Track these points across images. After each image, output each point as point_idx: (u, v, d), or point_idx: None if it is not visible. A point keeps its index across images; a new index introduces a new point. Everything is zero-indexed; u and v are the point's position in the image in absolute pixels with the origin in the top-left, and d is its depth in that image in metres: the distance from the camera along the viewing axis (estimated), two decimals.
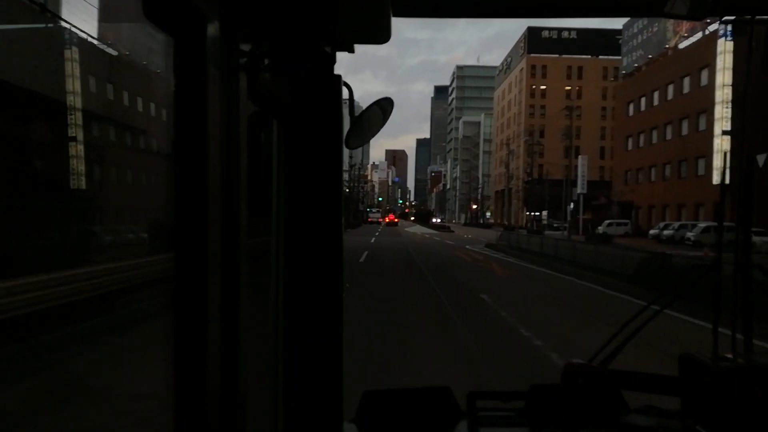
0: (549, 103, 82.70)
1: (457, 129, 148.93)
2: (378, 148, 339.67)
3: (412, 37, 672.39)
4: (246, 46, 1.03)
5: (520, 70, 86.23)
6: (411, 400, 1.55)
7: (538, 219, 62.45)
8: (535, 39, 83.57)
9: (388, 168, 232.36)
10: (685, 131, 46.80)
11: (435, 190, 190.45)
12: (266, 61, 1.09)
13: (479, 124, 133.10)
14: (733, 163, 1.83)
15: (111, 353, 6.11)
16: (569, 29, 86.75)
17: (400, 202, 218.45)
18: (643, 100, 54.47)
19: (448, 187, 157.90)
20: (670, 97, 49.48)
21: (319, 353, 1.16)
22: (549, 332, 8.54)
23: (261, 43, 1.07)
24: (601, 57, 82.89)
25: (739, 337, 1.50)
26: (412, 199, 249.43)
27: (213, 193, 0.91)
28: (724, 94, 39.53)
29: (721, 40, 39.22)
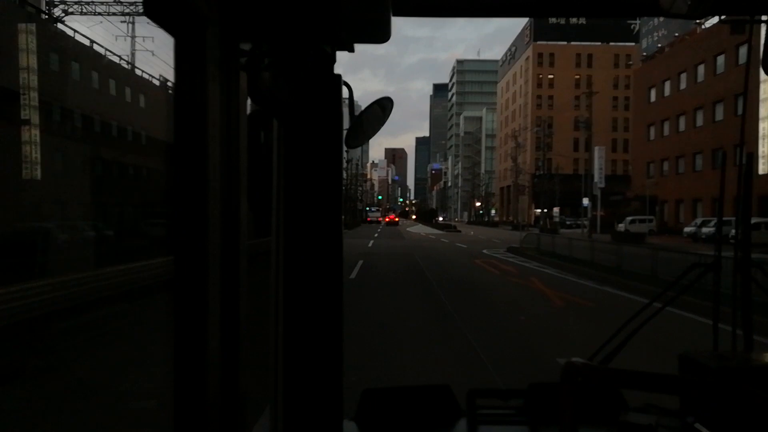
0: (557, 94, 77.24)
1: (458, 125, 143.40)
2: (378, 147, 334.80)
3: (411, 35, 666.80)
4: (246, 46, 1.03)
5: (526, 59, 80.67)
6: (411, 399, 1.56)
7: (549, 216, 56.90)
8: (542, 26, 77.96)
9: (388, 166, 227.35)
10: (719, 116, 41.22)
11: (435, 188, 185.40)
12: (266, 61, 1.09)
13: (481, 119, 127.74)
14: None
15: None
16: None
17: (401, 200, 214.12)
18: (668, 84, 48.93)
19: (450, 184, 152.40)
20: (701, 78, 43.93)
21: (319, 352, 1.17)
22: None
23: (261, 42, 1.06)
24: (612, 44, 77.37)
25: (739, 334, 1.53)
26: (412, 197, 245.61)
27: (213, 192, 0.92)
28: None
29: None
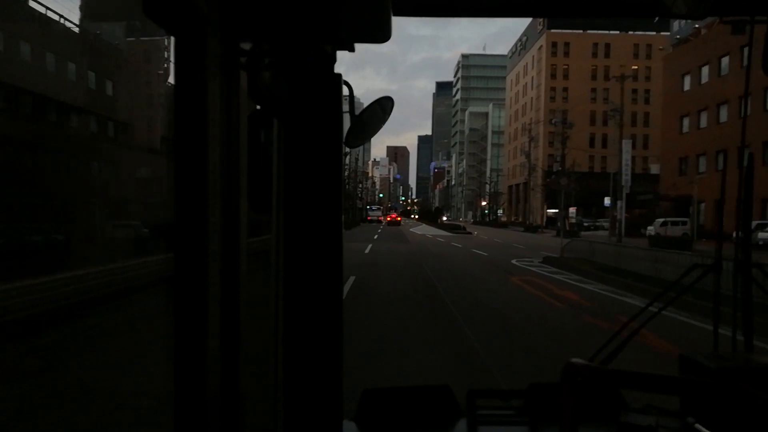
0: (572, 85, 71.37)
1: (462, 121, 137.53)
2: (379, 146, 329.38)
3: (415, 34, 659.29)
4: (246, 45, 1.02)
5: (539, 49, 74.79)
6: (411, 399, 1.54)
7: (559, 217, 51.14)
8: None
9: (390, 165, 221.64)
10: None
11: (438, 186, 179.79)
12: (266, 60, 1.08)
13: (487, 115, 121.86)
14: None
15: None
16: None
17: (403, 199, 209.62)
18: (706, 69, 43.05)
19: (453, 183, 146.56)
20: (747, 62, 37.96)
21: (319, 352, 1.16)
22: None
23: (261, 41, 1.06)
24: (631, 33, 71.44)
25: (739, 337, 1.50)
26: (414, 196, 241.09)
27: (213, 191, 0.92)
28: None
29: None
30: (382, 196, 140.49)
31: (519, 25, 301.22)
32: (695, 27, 47.96)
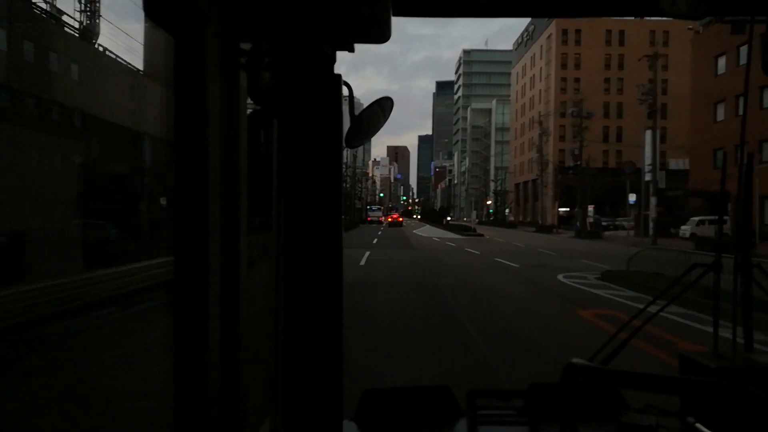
0: (584, 75, 66.22)
1: (465, 118, 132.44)
2: (380, 146, 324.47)
3: (415, 33, 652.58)
4: (246, 45, 1.02)
5: (548, 37, 69.65)
6: (411, 399, 1.53)
7: (577, 216, 45.96)
8: None
9: (390, 164, 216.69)
10: None
11: (440, 186, 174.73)
12: (266, 60, 1.08)
13: (490, 111, 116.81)
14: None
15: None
16: None
17: (404, 199, 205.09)
18: (745, 49, 37.82)
19: (455, 182, 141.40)
20: None
21: (319, 352, 1.16)
22: None
23: (261, 42, 1.06)
24: (647, 19, 66.25)
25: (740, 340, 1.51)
26: (415, 196, 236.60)
27: (213, 191, 0.92)
28: None
29: None
30: (382, 195, 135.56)
31: (521, 23, 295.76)
32: None
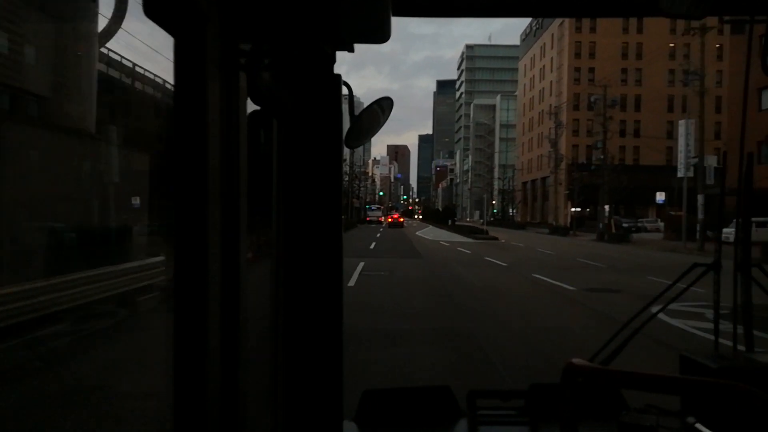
0: (599, 65, 60.84)
1: (467, 116, 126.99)
2: (380, 145, 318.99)
3: (417, 32, 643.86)
4: (246, 45, 1.01)
5: (560, 25, 64.22)
6: (411, 399, 1.52)
7: (599, 216, 40.55)
8: None
9: (390, 164, 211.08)
10: None
11: (440, 185, 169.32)
12: (266, 60, 1.07)
13: (494, 107, 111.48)
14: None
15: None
16: None
17: (405, 198, 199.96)
18: None
19: (457, 181, 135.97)
20: None
21: (319, 352, 1.15)
22: None
23: (261, 42, 1.05)
24: None
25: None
26: (415, 196, 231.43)
27: (213, 191, 0.91)
28: None
29: None
30: (382, 194, 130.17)
31: (522, 22, 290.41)
32: None
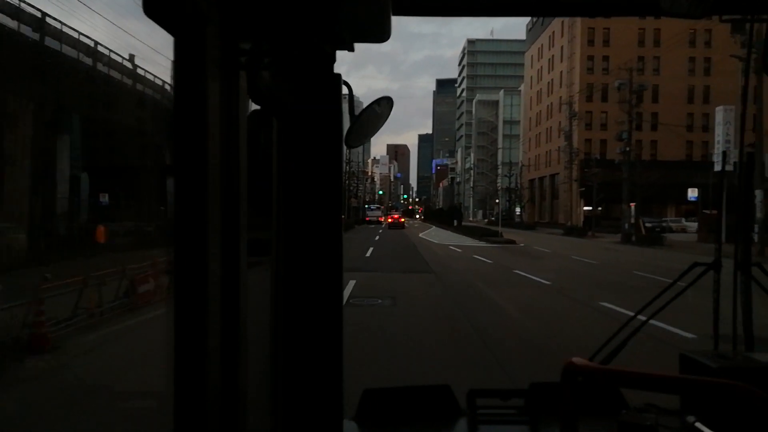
0: (614, 53, 56.03)
1: (469, 112, 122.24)
2: (380, 144, 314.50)
3: (417, 32, 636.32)
4: (246, 45, 1.01)
5: None
6: (411, 398, 1.51)
7: (624, 216, 35.68)
8: None
9: (390, 163, 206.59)
10: None
11: (441, 184, 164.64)
12: (266, 60, 1.07)
13: (497, 104, 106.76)
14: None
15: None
16: None
17: (405, 197, 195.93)
18: None
19: (459, 180, 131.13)
20: None
21: (319, 351, 1.15)
22: None
23: (261, 41, 1.05)
24: None
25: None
26: (415, 195, 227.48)
27: (213, 191, 0.91)
28: None
29: None
30: (381, 193, 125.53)
31: (523, 22, 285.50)
32: None
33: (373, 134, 1.30)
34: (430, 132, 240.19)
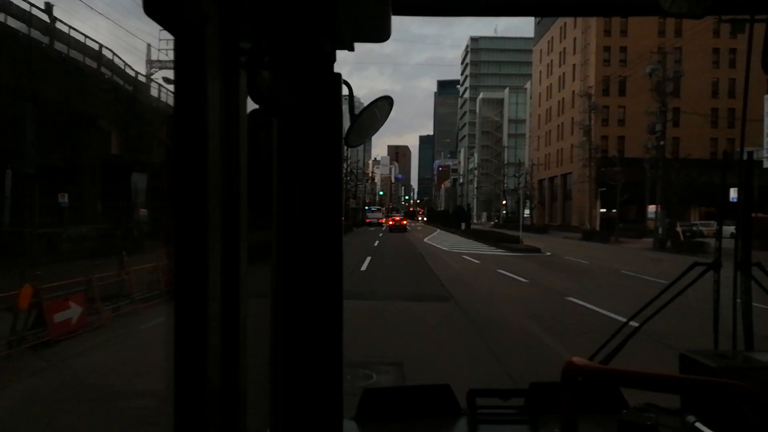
0: (632, 44, 51.48)
1: (473, 111, 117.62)
2: (381, 146, 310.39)
3: (419, 33, 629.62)
4: (246, 44, 1.01)
5: None
6: (411, 398, 1.50)
7: (660, 219, 31.11)
8: None
9: (391, 164, 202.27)
10: None
11: (443, 185, 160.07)
12: (266, 59, 1.06)
13: (502, 102, 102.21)
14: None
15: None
16: None
17: (407, 198, 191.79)
18: None
19: (461, 181, 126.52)
20: None
21: (319, 351, 1.15)
22: None
23: (261, 41, 1.05)
24: None
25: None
26: (416, 197, 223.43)
27: (213, 191, 0.90)
28: None
29: None
30: (382, 193, 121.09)
31: (525, 23, 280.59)
32: None
33: (373, 134, 1.28)
34: (431, 133, 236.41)
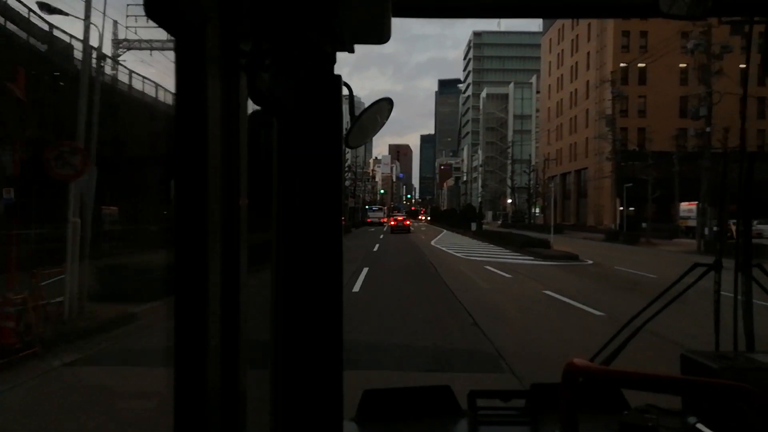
0: (654, 28, 46.88)
1: (476, 108, 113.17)
2: (382, 145, 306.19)
3: (420, 34, 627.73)
4: (246, 45, 0.99)
5: None
6: (411, 399, 1.50)
7: (704, 218, 26.70)
8: None
9: (392, 163, 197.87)
10: None
11: (445, 184, 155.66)
12: (266, 61, 1.04)
13: (507, 97, 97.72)
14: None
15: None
16: None
17: (408, 197, 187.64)
18: None
19: (465, 179, 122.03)
20: None
21: (319, 352, 1.15)
22: None
23: (261, 42, 1.03)
24: None
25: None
26: (417, 196, 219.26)
27: (213, 191, 0.90)
28: None
29: None
30: (383, 192, 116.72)
31: (529, 22, 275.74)
32: None
33: (373, 135, 1.27)
34: (433, 132, 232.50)
